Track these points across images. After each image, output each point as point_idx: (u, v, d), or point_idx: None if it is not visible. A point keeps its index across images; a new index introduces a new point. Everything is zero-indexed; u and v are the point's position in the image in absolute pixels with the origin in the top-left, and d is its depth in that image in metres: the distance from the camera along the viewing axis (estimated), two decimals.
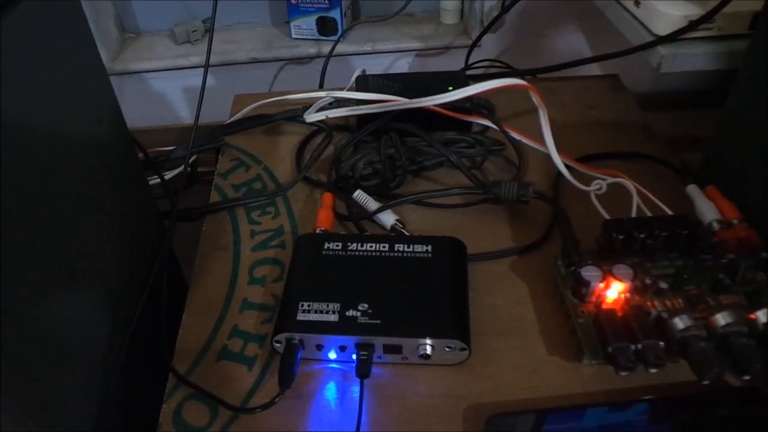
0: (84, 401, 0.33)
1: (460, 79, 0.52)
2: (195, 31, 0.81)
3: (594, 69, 0.62)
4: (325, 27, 0.78)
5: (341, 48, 0.78)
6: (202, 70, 0.81)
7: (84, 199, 0.34)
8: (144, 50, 0.81)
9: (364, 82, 0.52)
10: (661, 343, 0.33)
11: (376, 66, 0.82)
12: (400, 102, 0.46)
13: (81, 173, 0.34)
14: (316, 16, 0.77)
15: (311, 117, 0.50)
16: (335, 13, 0.77)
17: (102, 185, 0.37)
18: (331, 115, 0.49)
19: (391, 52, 0.80)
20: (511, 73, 0.59)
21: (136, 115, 0.41)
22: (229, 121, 0.54)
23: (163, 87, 0.83)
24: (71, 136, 0.33)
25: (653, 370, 0.33)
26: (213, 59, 0.81)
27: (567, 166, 0.44)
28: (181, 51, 0.81)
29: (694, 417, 0.33)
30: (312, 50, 0.79)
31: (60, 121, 0.32)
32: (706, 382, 0.32)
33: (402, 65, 0.82)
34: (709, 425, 0.33)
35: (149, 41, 0.83)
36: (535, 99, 0.40)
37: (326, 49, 0.79)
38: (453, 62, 0.81)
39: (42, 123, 0.30)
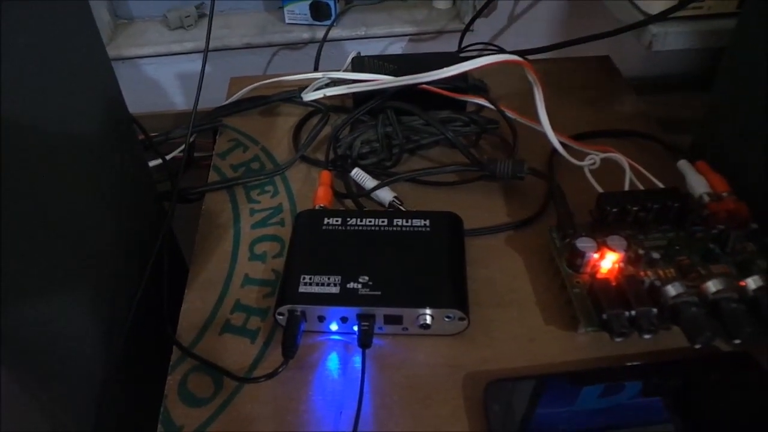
0: (87, 381, 0.34)
1: (455, 60, 0.52)
2: (188, 16, 0.80)
3: (585, 53, 0.63)
4: (319, 11, 0.78)
5: (334, 33, 0.78)
6: (195, 55, 0.82)
7: (85, 182, 0.35)
8: (137, 36, 0.81)
9: (360, 63, 0.52)
10: (654, 310, 0.34)
11: (370, 50, 0.82)
12: (396, 79, 0.47)
13: (83, 157, 0.35)
14: (309, 1, 0.77)
15: (309, 96, 0.51)
16: None
17: (103, 168, 0.37)
18: (329, 94, 0.50)
19: (384, 36, 0.81)
20: (511, 53, 0.59)
21: (129, 101, 0.41)
22: (226, 102, 0.55)
23: (156, 73, 0.83)
24: (74, 119, 0.34)
25: (647, 336, 0.34)
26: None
27: (561, 144, 0.45)
28: (175, 37, 0.81)
29: (687, 382, 0.34)
30: (305, 35, 0.80)
31: (62, 106, 0.32)
32: (698, 347, 0.33)
33: (395, 50, 0.83)
34: (702, 390, 0.34)
35: (142, 27, 0.83)
36: (531, 76, 0.41)
37: (319, 34, 0.79)
38: (445, 47, 0.82)
39: (43, 107, 0.31)
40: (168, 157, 0.49)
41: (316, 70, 0.68)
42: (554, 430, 0.32)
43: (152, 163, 0.48)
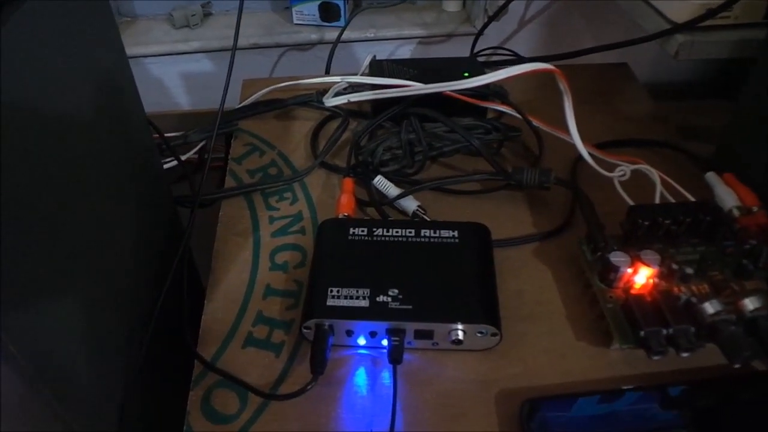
0: (108, 391, 0.32)
1: (474, 64, 0.52)
2: (194, 15, 0.79)
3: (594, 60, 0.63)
4: (328, 12, 0.77)
5: (344, 34, 0.77)
6: (200, 55, 0.81)
7: (104, 187, 0.33)
8: (141, 35, 0.80)
9: (378, 67, 0.51)
10: (692, 328, 0.33)
11: (379, 53, 0.80)
12: (420, 87, 0.46)
13: (101, 160, 0.33)
14: (319, 2, 0.76)
15: (331, 101, 0.50)
16: None
17: (120, 171, 0.36)
18: (353, 99, 0.49)
19: (393, 39, 0.80)
20: (531, 59, 0.58)
21: None
22: (240, 105, 0.53)
23: (160, 72, 0.81)
24: (93, 121, 0.32)
25: (685, 355, 0.33)
26: (213, 44, 0.80)
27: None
28: (180, 36, 0.79)
29: (723, 400, 0.33)
30: (314, 36, 0.78)
31: (82, 107, 0.31)
32: (737, 366, 0.32)
33: (404, 53, 0.82)
34: (738, 409, 0.33)
35: (146, 25, 0.81)
36: (562, 85, 0.40)
37: (328, 35, 0.78)
38: (456, 50, 0.81)
39: (63, 109, 0.29)
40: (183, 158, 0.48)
41: (327, 72, 0.68)
42: None
43: (165, 166, 0.47)
